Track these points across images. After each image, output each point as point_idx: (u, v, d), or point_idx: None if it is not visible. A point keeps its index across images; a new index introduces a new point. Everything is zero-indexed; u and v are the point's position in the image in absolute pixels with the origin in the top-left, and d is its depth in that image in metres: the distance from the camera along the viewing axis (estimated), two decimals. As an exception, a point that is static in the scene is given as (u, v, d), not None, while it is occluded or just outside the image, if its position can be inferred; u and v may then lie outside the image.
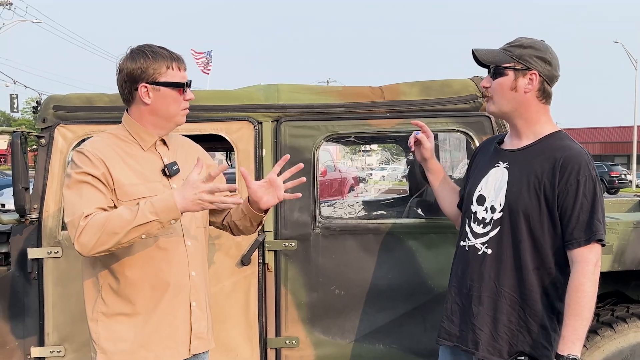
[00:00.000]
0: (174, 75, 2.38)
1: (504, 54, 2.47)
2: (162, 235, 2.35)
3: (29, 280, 3.29)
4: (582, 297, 2.28)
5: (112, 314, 2.36)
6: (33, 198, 3.28)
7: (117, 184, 2.31)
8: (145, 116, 2.40)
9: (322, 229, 3.31)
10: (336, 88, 3.47)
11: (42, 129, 3.32)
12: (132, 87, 2.37)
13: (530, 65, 2.42)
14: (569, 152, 2.38)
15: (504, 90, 2.47)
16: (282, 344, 3.30)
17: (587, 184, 2.33)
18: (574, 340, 2.27)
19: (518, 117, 2.48)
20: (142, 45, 2.41)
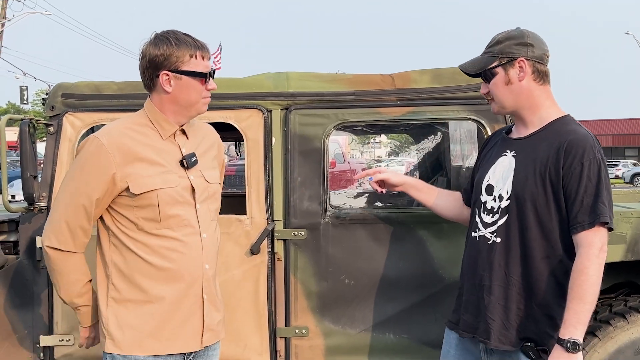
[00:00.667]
0: (197, 64, 2.34)
1: (487, 57, 2.52)
2: (177, 226, 2.34)
3: (38, 269, 3.28)
4: (585, 280, 2.25)
5: (122, 299, 2.35)
6: (42, 186, 3.27)
7: (130, 177, 2.29)
8: (166, 104, 2.37)
9: (332, 218, 3.29)
10: (346, 76, 3.44)
11: (51, 117, 3.31)
12: (153, 73, 2.33)
13: (514, 54, 2.46)
14: (574, 135, 2.38)
15: (500, 88, 2.50)
16: (291, 333, 3.28)
17: (591, 167, 2.32)
18: (575, 324, 2.25)
19: (522, 107, 2.50)
20: (167, 31, 2.36)
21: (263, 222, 3.25)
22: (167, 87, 2.33)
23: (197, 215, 2.39)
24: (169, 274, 2.33)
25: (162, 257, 2.32)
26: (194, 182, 2.39)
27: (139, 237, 2.32)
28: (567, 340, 2.24)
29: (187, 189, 2.37)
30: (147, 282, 2.33)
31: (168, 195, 2.31)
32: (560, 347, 2.25)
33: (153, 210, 2.30)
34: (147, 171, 2.31)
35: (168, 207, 2.31)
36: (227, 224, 3.22)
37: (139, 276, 2.33)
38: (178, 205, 2.34)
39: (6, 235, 3.41)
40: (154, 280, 2.33)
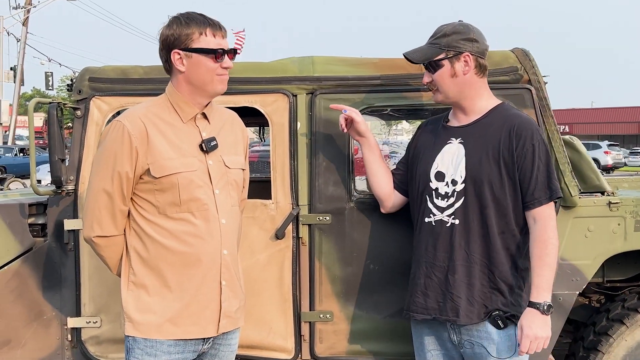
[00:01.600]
0: (207, 41, 2.34)
1: (433, 48, 2.66)
2: (197, 210, 2.34)
3: (66, 252, 3.32)
4: (553, 249, 2.53)
5: (140, 284, 2.37)
6: (69, 170, 3.30)
7: (151, 159, 2.31)
8: (182, 85, 2.38)
9: (357, 203, 3.27)
10: (372, 60, 3.41)
11: (78, 101, 3.33)
12: (167, 54, 2.36)
13: (461, 49, 2.62)
14: (520, 119, 2.63)
15: (445, 80, 2.65)
16: (316, 317, 3.28)
17: (540, 147, 2.57)
18: (547, 289, 2.52)
19: (464, 98, 2.68)
20: (182, 12, 2.38)
21: (288, 207, 3.25)
22: (180, 67, 2.35)
23: (216, 200, 2.39)
24: (186, 258, 2.34)
25: (180, 241, 2.34)
26: (211, 167, 2.40)
27: (159, 221, 2.34)
28: (543, 304, 2.50)
29: (207, 173, 2.39)
30: (166, 268, 2.35)
31: (188, 179, 2.33)
32: (535, 310, 2.51)
33: (173, 193, 2.32)
34: (167, 154, 2.32)
35: (188, 190, 2.33)
36: (252, 208, 3.22)
37: (157, 261, 2.35)
38: (198, 189, 2.35)
39: (34, 218, 3.45)
40: (173, 266, 2.35)
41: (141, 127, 2.32)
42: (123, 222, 2.41)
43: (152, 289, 2.37)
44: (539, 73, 3.27)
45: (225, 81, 2.43)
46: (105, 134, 2.37)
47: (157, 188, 2.33)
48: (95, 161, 2.41)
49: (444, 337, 2.72)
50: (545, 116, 3.25)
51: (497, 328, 2.59)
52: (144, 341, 2.36)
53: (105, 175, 2.34)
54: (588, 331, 3.47)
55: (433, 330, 2.75)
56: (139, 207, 2.38)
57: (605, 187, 3.36)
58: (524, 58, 3.27)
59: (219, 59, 2.36)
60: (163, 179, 2.32)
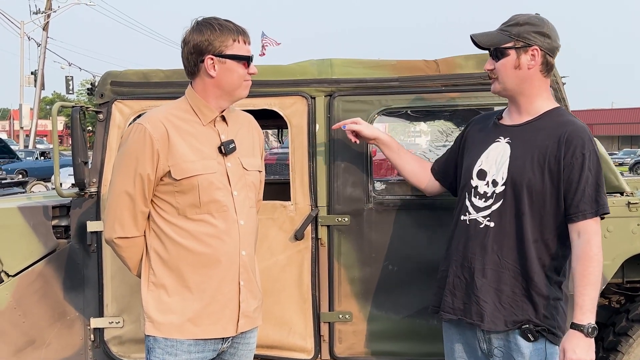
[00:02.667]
0: (240, 48, 2.40)
1: (503, 35, 2.52)
2: (216, 212, 2.37)
3: (89, 253, 3.37)
4: (597, 267, 2.36)
5: (160, 284, 2.41)
6: (92, 172, 3.35)
7: (172, 161, 2.34)
8: (209, 89, 2.42)
9: (376, 205, 3.29)
10: (390, 62, 3.42)
11: (100, 105, 3.39)
12: (198, 59, 2.38)
13: (530, 42, 2.47)
14: (573, 126, 2.46)
15: (507, 70, 2.52)
16: (335, 318, 3.30)
17: (591, 158, 2.40)
18: (591, 310, 2.35)
19: (521, 93, 2.53)
20: (209, 17, 2.42)
21: (307, 208, 3.28)
22: (211, 72, 2.38)
23: (234, 202, 2.42)
24: (206, 259, 2.37)
25: (199, 242, 2.37)
26: (230, 169, 2.43)
27: (179, 222, 2.38)
28: (588, 326, 2.33)
29: (225, 175, 2.42)
30: (185, 268, 2.38)
31: (208, 181, 2.36)
32: (579, 333, 2.33)
33: (193, 195, 2.35)
34: (188, 157, 2.36)
35: (208, 192, 2.36)
36: (271, 209, 3.25)
37: (177, 262, 2.38)
38: (218, 191, 2.38)
39: (58, 220, 3.51)
40: (192, 266, 2.38)
41: (162, 130, 2.35)
42: (144, 224, 2.44)
43: (172, 289, 2.41)
44: (557, 74, 3.26)
45: (249, 87, 2.50)
46: (127, 136, 2.41)
47: (177, 190, 2.37)
48: (117, 163, 2.45)
49: (474, 345, 2.61)
50: (564, 117, 3.25)
51: (527, 341, 2.46)
52: (165, 341, 2.40)
53: (127, 177, 2.37)
54: (608, 332, 3.46)
55: (464, 336, 2.65)
56: (159, 208, 2.42)
57: (625, 187, 3.35)
58: (543, 59, 3.26)
59: (248, 66, 2.42)
60: (184, 181, 2.36)
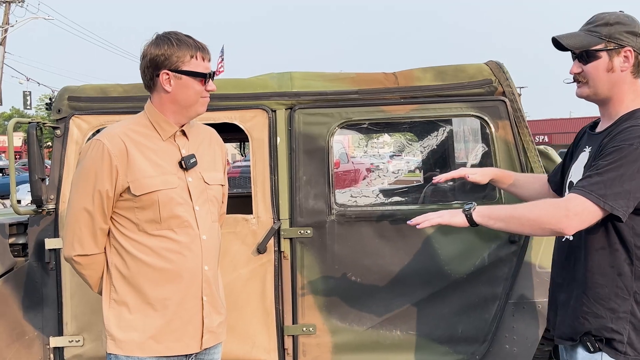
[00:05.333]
0: (197, 64, 2.37)
1: (592, 36, 2.31)
2: (177, 227, 2.36)
3: (47, 271, 3.31)
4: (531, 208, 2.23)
5: (122, 301, 2.37)
6: (49, 189, 3.30)
7: (131, 177, 2.31)
8: (166, 104, 2.39)
9: (338, 216, 3.31)
10: (349, 75, 3.46)
11: (57, 120, 3.35)
12: (153, 73, 2.36)
13: (623, 42, 2.27)
14: (629, 124, 2.20)
15: (600, 73, 2.31)
16: (299, 331, 3.30)
17: (623, 150, 2.13)
18: (489, 211, 2.31)
19: (610, 98, 2.33)
20: (169, 32, 2.39)
21: (269, 221, 3.28)
22: (166, 87, 2.36)
23: (196, 216, 2.40)
24: (168, 274, 2.35)
25: (161, 258, 2.34)
26: (191, 184, 2.41)
27: (140, 238, 2.34)
28: (471, 206, 2.34)
29: (186, 190, 2.40)
30: (147, 284, 2.35)
31: (168, 196, 2.34)
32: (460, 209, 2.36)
33: (153, 211, 2.32)
34: (147, 172, 2.33)
35: (168, 208, 2.33)
36: (233, 223, 3.24)
37: (138, 278, 2.35)
38: (178, 207, 2.36)
39: (15, 238, 3.45)
40: (154, 282, 2.34)
41: (121, 146, 2.33)
42: (104, 240, 2.41)
43: (134, 306, 2.37)
44: (513, 85, 3.34)
45: (206, 103, 2.47)
46: (85, 152, 2.38)
47: (137, 206, 2.34)
48: (75, 180, 2.41)
49: None
50: (520, 127, 3.32)
51: (587, 351, 2.29)
52: (127, 359, 2.36)
53: (85, 193, 2.34)
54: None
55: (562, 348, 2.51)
56: (118, 224, 2.39)
57: None
58: (498, 70, 3.34)
59: (206, 83, 2.40)
60: (143, 197, 2.33)
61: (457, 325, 3.31)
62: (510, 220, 2.27)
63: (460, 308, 3.31)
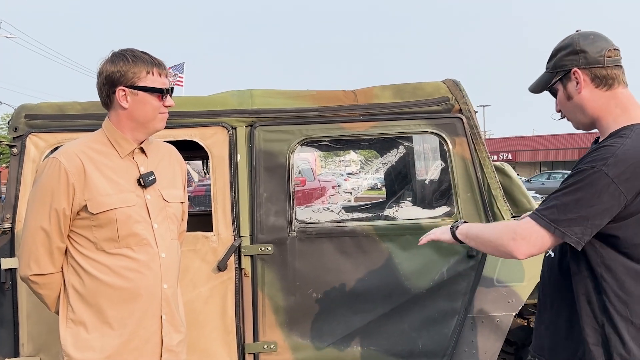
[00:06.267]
0: (153, 80, 2.36)
1: (547, 74, 2.32)
2: (136, 245, 2.34)
3: (3, 291, 3.25)
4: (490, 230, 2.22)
5: (79, 321, 2.34)
6: (5, 208, 3.25)
7: (88, 195, 2.29)
8: (123, 121, 2.39)
9: (298, 233, 3.32)
10: (309, 92, 3.49)
11: (14, 138, 3.31)
12: (110, 90, 2.35)
13: (567, 66, 2.23)
14: (601, 147, 2.09)
15: (564, 105, 2.28)
16: (260, 348, 3.29)
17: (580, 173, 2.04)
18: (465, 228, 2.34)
19: (595, 120, 2.23)
20: (125, 49, 2.39)
21: (230, 239, 3.27)
22: (123, 103, 2.35)
23: (155, 234, 2.39)
24: (126, 293, 2.32)
25: (119, 276, 2.32)
26: (150, 202, 2.39)
27: (97, 257, 2.32)
28: (457, 223, 2.40)
29: (145, 208, 2.39)
30: (105, 303, 2.32)
31: (126, 214, 2.32)
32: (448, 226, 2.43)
33: (111, 229, 2.31)
34: (105, 190, 2.31)
35: (126, 226, 2.32)
36: (193, 241, 3.23)
37: (96, 297, 2.32)
38: (136, 224, 2.34)
39: (-30, 258, 3.38)
40: (112, 301, 2.32)
41: (78, 164, 2.31)
42: (60, 260, 2.38)
43: (91, 326, 2.34)
44: (470, 102, 3.40)
45: (165, 119, 2.46)
46: (41, 170, 2.35)
47: (94, 224, 2.32)
48: (31, 198, 2.38)
49: None
50: (477, 143, 3.38)
51: None
52: None
53: (42, 212, 2.32)
54: (526, 351, 3.57)
55: None
56: (76, 243, 2.36)
57: None
58: (455, 88, 3.41)
59: (163, 98, 2.40)
60: (100, 215, 2.31)
61: (417, 340, 3.33)
62: (477, 239, 2.28)
63: (420, 323, 3.34)
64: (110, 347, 2.33)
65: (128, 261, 2.33)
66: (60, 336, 2.36)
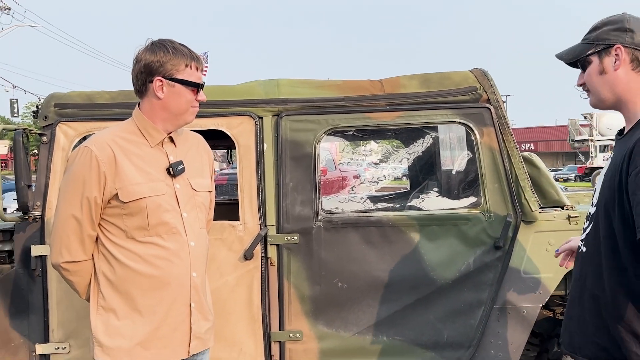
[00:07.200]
0: (190, 74, 2.38)
1: (583, 44, 2.27)
2: (166, 234, 2.36)
3: (33, 278, 3.30)
4: None
5: (109, 308, 2.37)
6: (36, 195, 3.30)
7: (119, 184, 2.32)
8: (156, 110, 2.40)
9: (324, 223, 3.32)
10: (336, 82, 3.49)
11: (44, 127, 3.34)
12: (147, 78, 2.36)
13: (611, 41, 2.18)
14: None
15: (593, 78, 2.24)
16: (285, 337, 3.31)
17: None
18: None
19: (620, 101, 2.22)
20: (164, 39, 2.40)
21: (256, 228, 3.29)
22: (159, 93, 2.37)
23: (184, 223, 2.40)
24: (155, 281, 2.35)
25: (149, 264, 2.34)
26: (179, 191, 2.41)
27: (127, 245, 2.35)
28: None
29: (174, 197, 2.40)
30: (135, 291, 2.35)
31: (156, 203, 2.34)
32: None
33: (142, 217, 2.33)
34: (135, 179, 2.33)
35: (156, 214, 2.34)
36: (220, 230, 3.25)
37: (126, 285, 2.35)
38: (166, 213, 2.36)
39: (1, 245, 3.43)
40: (142, 289, 2.34)
41: (109, 152, 2.33)
42: (91, 247, 2.41)
43: (122, 313, 2.37)
44: (498, 92, 3.38)
45: (195, 113, 2.49)
46: (73, 159, 2.38)
47: (125, 212, 2.35)
48: (63, 187, 2.41)
49: None
50: (505, 134, 3.35)
51: None
52: None
53: (73, 200, 2.34)
54: (552, 343, 3.55)
55: None
56: (106, 231, 2.39)
57: (565, 201, 3.46)
58: (483, 78, 3.38)
59: (197, 92, 2.42)
60: (131, 204, 2.33)
61: (443, 331, 3.33)
62: None
63: (446, 314, 3.33)
64: (140, 334, 2.36)
65: (158, 249, 2.35)
66: (91, 323, 2.39)
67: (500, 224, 3.30)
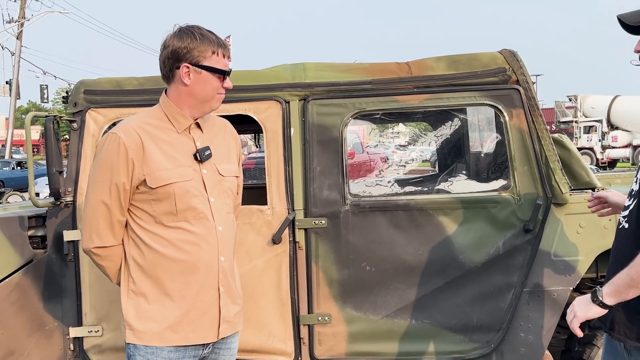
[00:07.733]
0: (217, 61, 2.39)
1: None
2: (194, 219, 2.38)
3: (66, 262, 3.36)
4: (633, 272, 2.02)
5: (140, 292, 2.40)
6: (67, 181, 3.34)
7: (147, 169, 2.34)
8: (182, 96, 2.41)
9: (352, 207, 3.32)
10: (362, 65, 3.46)
11: (74, 114, 3.38)
12: (174, 64, 2.37)
13: None
14: None
15: None
16: (314, 320, 3.32)
17: None
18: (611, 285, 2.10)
19: None
20: (192, 25, 2.40)
21: (284, 212, 3.30)
22: (185, 80, 2.38)
23: (212, 208, 2.42)
24: (184, 266, 2.37)
25: (178, 249, 2.36)
26: (206, 176, 2.43)
27: (156, 230, 2.37)
28: (597, 290, 2.11)
29: (202, 182, 2.42)
30: (164, 276, 2.38)
31: (184, 189, 2.36)
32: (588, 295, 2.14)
33: (170, 203, 2.35)
34: (163, 165, 2.35)
35: (184, 200, 2.36)
36: (248, 214, 3.27)
37: (156, 270, 2.38)
38: (194, 199, 2.38)
39: (34, 230, 3.49)
40: (171, 273, 2.37)
41: (136, 139, 2.35)
42: (121, 232, 2.44)
43: (152, 297, 2.41)
44: (527, 73, 3.32)
45: (221, 100, 2.49)
46: (101, 145, 2.41)
47: (153, 198, 2.37)
48: (92, 173, 2.44)
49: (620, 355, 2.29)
50: (534, 115, 3.31)
51: None
52: (145, 348, 2.40)
53: (102, 186, 2.37)
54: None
55: (612, 346, 2.32)
56: (135, 216, 2.42)
57: (596, 183, 3.41)
58: (512, 59, 3.32)
59: (224, 80, 2.42)
60: (159, 189, 2.36)
61: (472, 314, 3.32)
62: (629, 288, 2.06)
63: (475, 297, 3.32)
64: (170, 318, 2.39)
65: (186, 234, 2.37)
66: (122, 307, 2.43)
67: (530, 206, 3.27)
